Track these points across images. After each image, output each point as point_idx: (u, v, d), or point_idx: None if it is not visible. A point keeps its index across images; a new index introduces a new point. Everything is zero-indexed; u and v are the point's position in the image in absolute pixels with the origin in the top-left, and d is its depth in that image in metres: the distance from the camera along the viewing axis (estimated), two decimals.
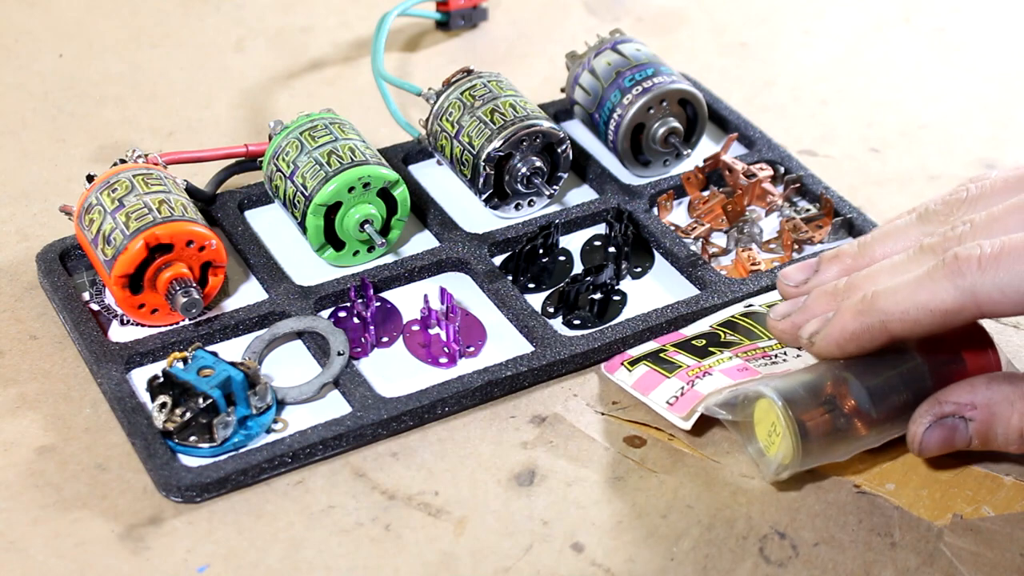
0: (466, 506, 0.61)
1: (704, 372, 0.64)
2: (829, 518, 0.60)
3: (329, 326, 0.67)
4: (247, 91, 0.87)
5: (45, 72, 0.88)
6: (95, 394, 0.65)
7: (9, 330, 0.69)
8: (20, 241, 0.74)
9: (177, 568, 0.58)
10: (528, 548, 0.59)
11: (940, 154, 0.83)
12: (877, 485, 0.62)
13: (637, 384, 0.65)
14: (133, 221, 0.66)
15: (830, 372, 0.62)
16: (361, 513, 0.60)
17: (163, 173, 0.69)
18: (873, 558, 0.59)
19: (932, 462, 0.63)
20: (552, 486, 0.62)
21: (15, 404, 0.65)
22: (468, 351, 0.68)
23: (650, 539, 0.59)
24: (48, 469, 0.62)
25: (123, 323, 0.68)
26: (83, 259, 0.71)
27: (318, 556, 0.58)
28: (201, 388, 0.61)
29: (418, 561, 0.58)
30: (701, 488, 0.62)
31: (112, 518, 0.60)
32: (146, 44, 0.91)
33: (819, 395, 0.61)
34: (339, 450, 0.63)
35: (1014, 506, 0.61)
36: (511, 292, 0.70)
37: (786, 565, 0.59)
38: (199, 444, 0.61)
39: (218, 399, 0.61)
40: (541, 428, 0.64)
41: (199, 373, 0.62)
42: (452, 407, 0.65)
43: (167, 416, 0.61)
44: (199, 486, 0.60)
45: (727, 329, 0.67)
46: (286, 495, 0.61)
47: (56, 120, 0.84)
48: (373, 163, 0.71)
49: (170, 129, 0.83)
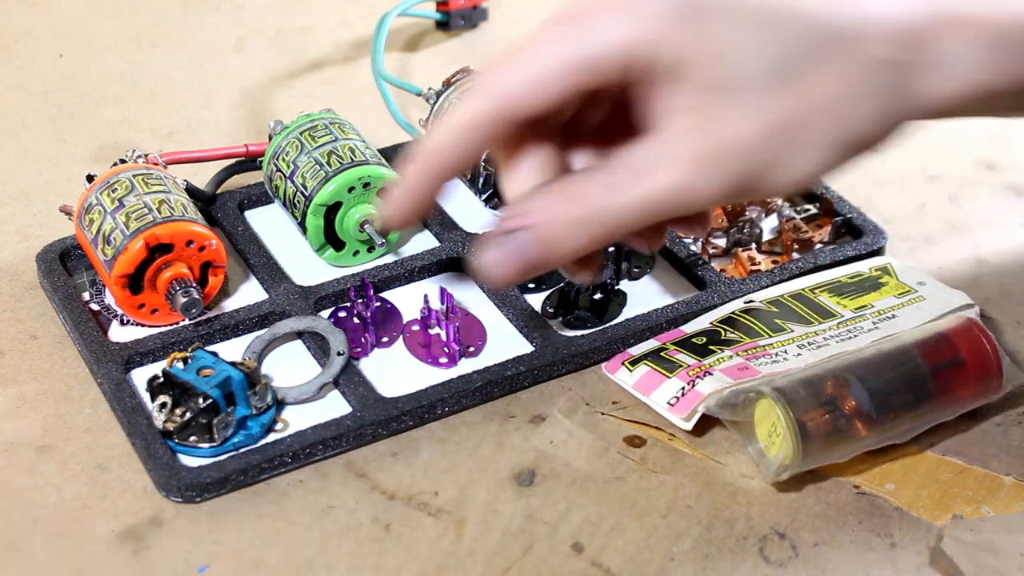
0: (466, 506, 0.61)
1: (705, 372, 0.64)
2: (829, 518, 0.60)
3: (329, 326, 0.67)
4: (247, 91, 0.87)
5: (45, 72, 0.88)
6: (95, 394, 0.65)
7: (9, 330, 0.69)
8: (20, 241, 0.74)
9: (177, 568, 0.58)
10: (528, 548, 0.59)
11: (940, 154, 0.83)
12: (877, 485, 0.62)
13: (638, 384, 0.65)
14: (133, 221, 0.66)
15: (831, 372, 0.62)
16: (361, 513, 0.60)
17: (163, 173, 0.69)
18: (873, 558, 0.59)
19: (932, 463, 0.63)
20: (552, 486, 0.62)
21: (15, 404, 0.65)
22: (468, 351, 0.68)
23: (650, 539, 0.59)
24: (48, 469, 0.62)
25: (123, 323, 0.68)
26: (83, 259, 0.71)
27: (318, 556, 0.58)
28: (201, 388, 0.61)
29: (418, 561, 0.58)
30: (701, 488, 0.62)
31: (112, 518, 0.60)
32: (146, 44, 0.91)
33: (819, 395, 0.61)
34: (339, 450, 0.63)
35: (1014, 506, 0.61)
36: (511, 292, 0.70)
37: (786, 565, 0.59)
38: (199, 444, 0.61)
39: (218, 399, 0.61)
40: (541, 428, 0.64)
41: (199, 373, 0.62)
42: (452, 407, 0.65)
43: (167, 416, 0.61)
44: (199, 486, 0.60)
45: (727, 326, 0.67)
46: (286, 495, 0.61)
47: (56, 120, 0.84)
48: (373, 163, 0.71)
49: (170, 129, 0.83)
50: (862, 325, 0.67)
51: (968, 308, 0.68)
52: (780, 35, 0.55)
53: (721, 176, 0.55)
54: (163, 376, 0.62)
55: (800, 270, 0.71)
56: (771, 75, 0.55)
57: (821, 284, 0.70)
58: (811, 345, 0.66)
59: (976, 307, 0.68)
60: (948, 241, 0.76)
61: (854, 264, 0.72)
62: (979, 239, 0.76)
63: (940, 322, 0.65)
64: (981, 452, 0.63)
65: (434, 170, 0.55)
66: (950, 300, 0.68)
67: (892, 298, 0.69)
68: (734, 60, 0.54)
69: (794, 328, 0.67)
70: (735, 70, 0.54)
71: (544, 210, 0.55)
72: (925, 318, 0.67)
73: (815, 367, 0.63)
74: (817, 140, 0.56)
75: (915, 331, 0.65)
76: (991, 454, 0.63)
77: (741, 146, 0.55)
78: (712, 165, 0.55)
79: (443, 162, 0.55)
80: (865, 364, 0.62)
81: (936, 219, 0.77)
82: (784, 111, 0.55)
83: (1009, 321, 0.70)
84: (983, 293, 0.71)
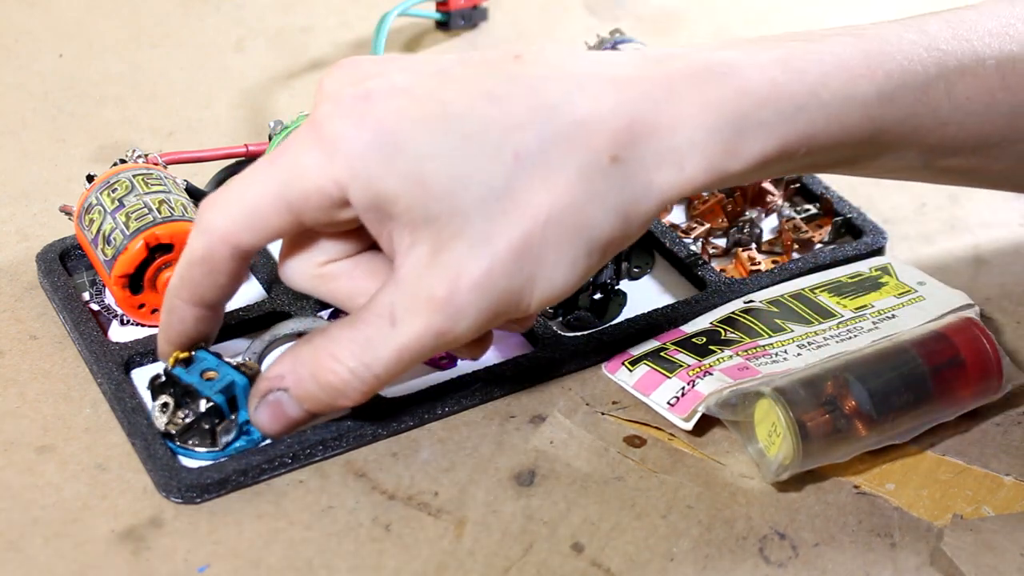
0: (466, 506, 0.61)
1: (705, 372, 0.64)
2: (829, 518, 0.60)
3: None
4: (247, 91, 0.87)
5: (45, 72, 0.88)
6: (95, 394, 0.65)
7: (9, 330, 0.69)
8: (20, 241, 0.74)
9: (177, 568, 0.58)
10: (528, 548, 0.59)
11: None
12: (877, 485, 0.62)
13: (638, 384, 0.65)
14: (133, 221, 0.66)
15: (831, 372, 0.62)
16: (361, 513, 0.60)
17: (163, 173, 0.69)
18: (873, 558, 0.59)
19: (932, 463, 0.63)
20: (552, 486, 0.61)
21: (15, 404, 0.65)
22: None
23: (650, 539, 0.59)
24: (48, 469, 0.62)
25: (123, 323, 0.68)
26: (83, 259, 0.71)
27: (318, 556, 0.58)
28: (205, 393, 0.61)
29: (418, 561, 0.58)
30: (701, 488, 0.62)
31: (112, 518, 0.60)
32: (146, 44, 0.91)
33: (820, 396, 0.61)
34: (339, 450, 0.63)
35: (1014, 506, 0.61)
36: None
37: (786, 565, 0.59)
38: (199, 448, 0.61)
39: (222, 405, 0.61)
40: (541, 428, 0.64)
41: (202, 376, 0.62)
42: (452, 407, 0.65)
43: (169, 418, 0.61)
44: (199, 486, 0.60)
45: (727, 326, 0.67)
46: (286, 495, 0.61)
47: (56, 120, 0.84)
48: None
49: (170, 129, 0.83)
50: (862, 325, 0.67)
51: (968, 308, 0.68)
52: (487, 154, 0.53)
53: (469, 312, 0.54)
54: (165, 376, 0.62)
55: (800, 270, 0.71)
56: (484, 200, 0.53)
57: (821, 284, 0.70)
58: (811, 345, 0.66)
59: (976, 307, 0.68)
60: (948, 241, 0.76)
61: (854, 264, 0.72)
62: (979, 239, 0.76)
63: (940, 322, 0.65)
64: (981, 452, 0.63)
65: (176, 308, 0.58)
66: (950, 300, 0.68)
67: (892, 298, 0.69)
68: (441, 193, 0.53)
69: (794, 328, 0.67)
70: (445, 203, 0.53)
71: (295, 373, 0.57)
72: (925, 318, 0.67)
73: (815, 367, 0.63)
74: (562, 252, 0.54)
75: (915, 331, 0.65)
76: (991, 454, 0.63)
77: (478, 281, 0.53)
78: (456, 305, 0.53)
79: (190, 298, 0.57)
80: (865, 364, 0.62)
81: (936, 219, 0.77)
82: (511, 236, 0.53)
83: (1009, 321, 0.70)
84: (983, 293, 0.71)
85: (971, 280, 0.72)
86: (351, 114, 0.53)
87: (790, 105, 0.57)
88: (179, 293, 0.58)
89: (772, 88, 0.56)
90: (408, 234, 0.54)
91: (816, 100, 0.57)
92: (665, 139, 0.55)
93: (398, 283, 0.55)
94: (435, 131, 0.53)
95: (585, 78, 0.55)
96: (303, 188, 0.54)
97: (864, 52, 0.59)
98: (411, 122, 0.53)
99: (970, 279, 0.73)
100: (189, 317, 0.59)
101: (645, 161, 0.55)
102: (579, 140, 0.54)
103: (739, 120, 0.56)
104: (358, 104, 0.53)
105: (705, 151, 0.56)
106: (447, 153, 0.53)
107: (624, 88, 0.55)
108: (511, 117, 0.54)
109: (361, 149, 0.53)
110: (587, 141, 0.54)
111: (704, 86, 0.56)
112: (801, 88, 0.57)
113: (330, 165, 0.53)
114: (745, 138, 0.56)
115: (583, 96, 0.54)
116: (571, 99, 0.54)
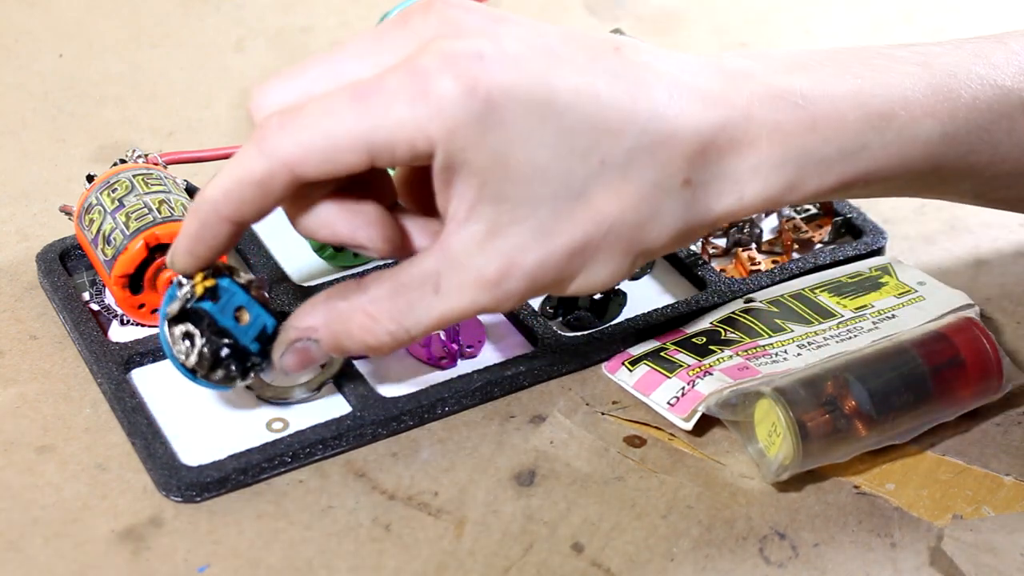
0: (466, 506, 0.61)
1: (705, 372, 0.64)
2: (829, 518, 0.60)
3: None
4: (247, 91, 0.87)
5: (45, 72, 0.88)
6: (95, 394, 0.65)
7: (9, 330, 0.69)
8: (20, 241, 0.74)
9: (177, 568, 0.58)
10: (528, 548, 0.59)
11: None
12: (877, 485, 0.62)
13: (638, 384, 0.65)
14: (133, 221, 0.66)
15: (831, 372, 0.62)
16: (361, 513, 0.60)
17: (163, 173, 0.69)
18: (873, 558, 0.59)
19: (932, 463, 0.63)
20: (552, 486, 0.62)
21: (15, 404, 0.65)
22: (468, 351, 0.68)
23: (650, 539, 0.59)
24: (48, 469, 0.62)
25: (123, 323, 0.68)
26: (83, 259, 0.71)
27: (318, 556, 0.58)
28: (242, 341, 0.60)
29: (418, 561, 0.58)
30: (701, 488, 0.62)
31: (112, 518, 0.60)
32: (146, 44, 0.91)
33: (820, 395, 0.61)
34: (339, 450, 0.63)
35: (1014, 506, 0.61)
36: None
37: (786, 566, 0.59)
38: (224, 382, 0.61)
39: (257, 352, 0.61)
40: (541, 428, 0.64)
41: (235, 316, 0.60)
42: (452, 407, 0.65)
43: (198, 355, 0.60)
44: (199, 486, 0.60)
45: (727, 326, 0.67)
46: (286, 495, 0.61)
47: (56, 120, 0.84)
48: None
49: (170, 129, 0.83)
50: (862, 325, 0.67)
51: (968, 308, 0.68)
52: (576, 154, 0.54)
53: (514, 296, 0.56)
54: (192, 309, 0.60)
55: (800, 270, 0.71)
56: (556, 196, 0.54)
57: (821, 284, 0.70)
58: (811, 345, 0.66)
59: (976, 307, 0.68)
60: (948, 241, 0.76)
61: (854, 264, 0.72)
62: (979, 239, 0.76)
63: (940, 322, 0.65)
64: (981, 452, 0.63)
65: (211, 222, 0.56)
66: (950, 300, 0.68)
67: (892, 298, 0.69)
68: (520, 178, 0.53)
69: (794, 328, 0.67)
70: (520, 189, 0.54)
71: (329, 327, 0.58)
72: (925, 318, 0.67)
73: (815, 367, 0.63)
74: (611, 257, 0.56)
75: (915, 331, 0.65)
76: (991, 454, 0.63)
77: (529, 271, 0.55)
78: (504, 289, 0.55)
79: (220, 215, 0.56)
80: (865, 364, 0.62)
81: (936, 219, 0.77)
82: (572, 236, 0.55)
83: (1009, 321, 0.70)
84: (983, 293, 0.71)
85: (971, 280, 0.72)
86: (462, 76, 0.52)
87: (855, 144, 0.58)
88: (220, 208, 0.56)
89: (840, 125, 0.57)
90: (469, 206, 0.54)
91: (880, 139, 0.58)
92: (733, 165, 0.56)
93: (446, 253, 0.55)
94: (537, 118, 0.53)
95: (675, 88, 0.56)
96: (391, 137, 0.53)
97: (932, 88, 0.59)
98: (518, 102, 0.53)
99: (970, 279, 0.73)
100: (223, 233, 0.57)
101: (710, 187, 0.56)
102: (660, 156, 0.55)
103: (804, 156, 0.57)
104: (472, 66, 0.53)
105: (767, 183, 0.57)
106: (540, 143, 0.53)
107: (709, 105, 0.56)
108: (608, 122, 0.54)
109: (465, 117, 0.52)
110: (666, 158, 0.55)
111: (778, 115, 0.57)
112: (867, 127, 0.58)
113: (428, 123, 0.53)
114: (807, 174, 0.57)
115: (671, 108, 0.55)
116: (661, 111, 0.55)
